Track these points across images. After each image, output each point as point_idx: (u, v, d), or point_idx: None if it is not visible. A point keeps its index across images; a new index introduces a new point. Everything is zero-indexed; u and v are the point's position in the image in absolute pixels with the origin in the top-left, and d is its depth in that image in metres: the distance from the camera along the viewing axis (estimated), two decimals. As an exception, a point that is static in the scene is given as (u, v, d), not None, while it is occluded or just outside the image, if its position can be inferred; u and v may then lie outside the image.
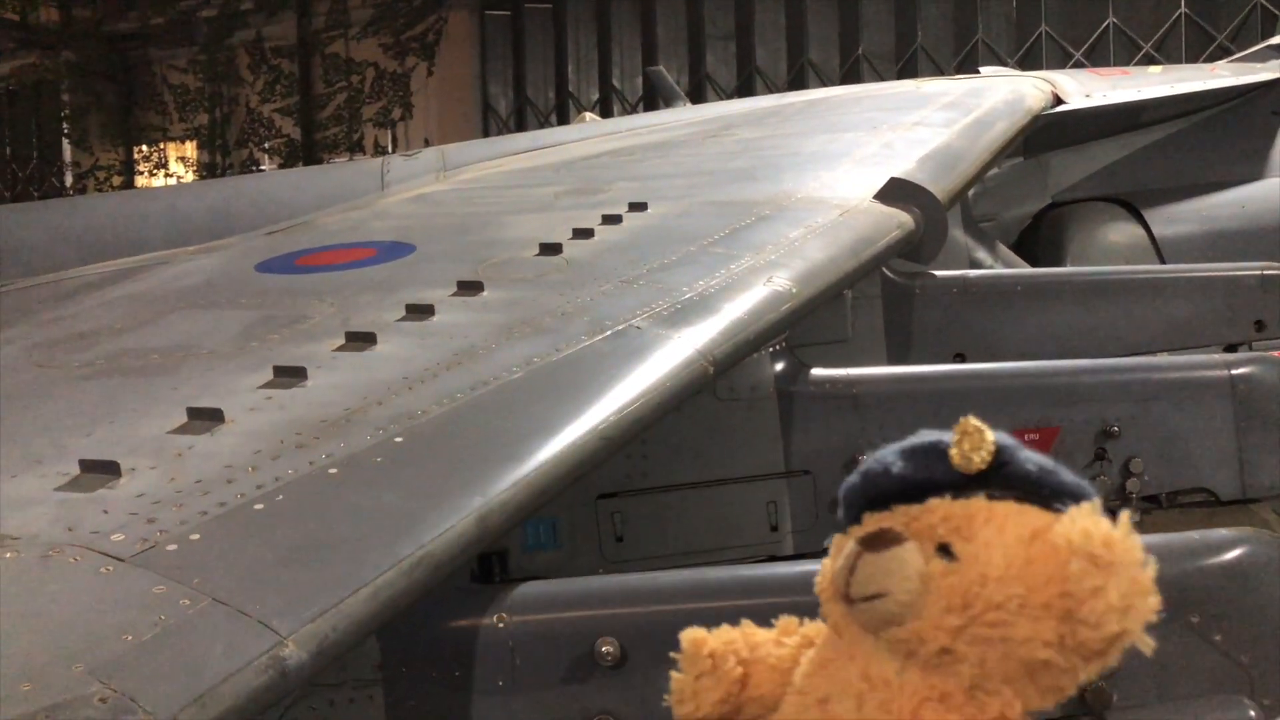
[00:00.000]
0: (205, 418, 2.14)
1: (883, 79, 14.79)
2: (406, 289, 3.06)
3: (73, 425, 2.24)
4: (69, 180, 16.32)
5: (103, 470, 1.94)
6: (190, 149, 16.14)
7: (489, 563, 2.92)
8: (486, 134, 15.73)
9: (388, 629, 1.91)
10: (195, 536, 1.74)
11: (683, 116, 7.46)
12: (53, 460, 2.02)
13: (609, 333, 2.64)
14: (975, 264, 5.65)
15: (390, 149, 15.78)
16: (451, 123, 16.17)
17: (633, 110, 16.88)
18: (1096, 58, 15.92)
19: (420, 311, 2.81)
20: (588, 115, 11.95)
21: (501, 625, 2.04)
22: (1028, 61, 15.72)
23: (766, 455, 3.50)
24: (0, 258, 6.58)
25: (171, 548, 1.71)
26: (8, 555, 1.69)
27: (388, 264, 3.51)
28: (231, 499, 1.85)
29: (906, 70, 15.97)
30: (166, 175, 16.18)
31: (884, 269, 4.33)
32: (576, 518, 3.18)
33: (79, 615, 1.56)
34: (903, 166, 4.27)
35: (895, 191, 3.91)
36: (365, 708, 2.02)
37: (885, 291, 4.48)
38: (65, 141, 16.48)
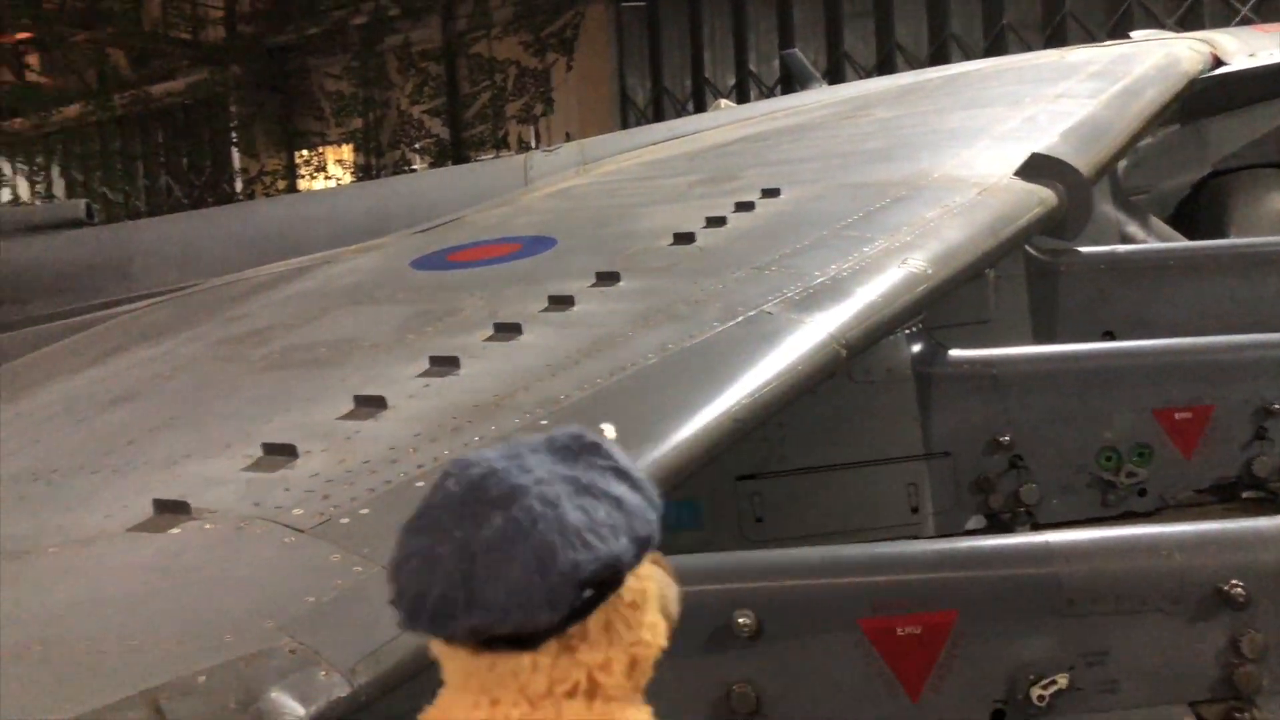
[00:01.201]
0: (370, 404, 2.34)
1: (1030, 49, 14.24)
2: (549, 281, 3.21)
3: (254, 413, 2.48)
4: (239, 186, 17.43)
5: (282, 453, 2.15)
6: (346, 152, 16.98)
7: (630, 542, 3.05)
8: (625, 125, 15.94)
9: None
10: (365, 511, 1.92)
11: (819, 98, 7.41)
12: (239, 444, 2.24)
13: (741, 318, 2.71)
14: (1126, 239, 5.44)
15: (533, 144, 16.16)
16: (591, 115, 16.47)
17: (769, 94, 16.79)
18: (1268, 12, 14.87)
19: (562, 302, 2.95)
20: (723, 102, 11.98)
21: None
22: (1190, 21, 14.84)
23: (905, 437, 3.50)
24: (184, 261, 7.16)
25: (344, 521, 1.90)
26: (206, 526, 1.91)
27: (531, 258, 3.67)
28: (395, 477, 2.03)
29: (1054, 39, 15.29)
30: (326, 178, 17.07)
31: (1027, 247, 4.24)
32: (717, 499, 3.26)
33: (268, 578, 1.76)
34: (1045, 141, 4.16)
35: (1037, 167, 3.83)
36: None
37: (1029, 270, 4.38)
38: (234, 150, 17.60)
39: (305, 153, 17.37)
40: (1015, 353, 3.69)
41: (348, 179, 16.81)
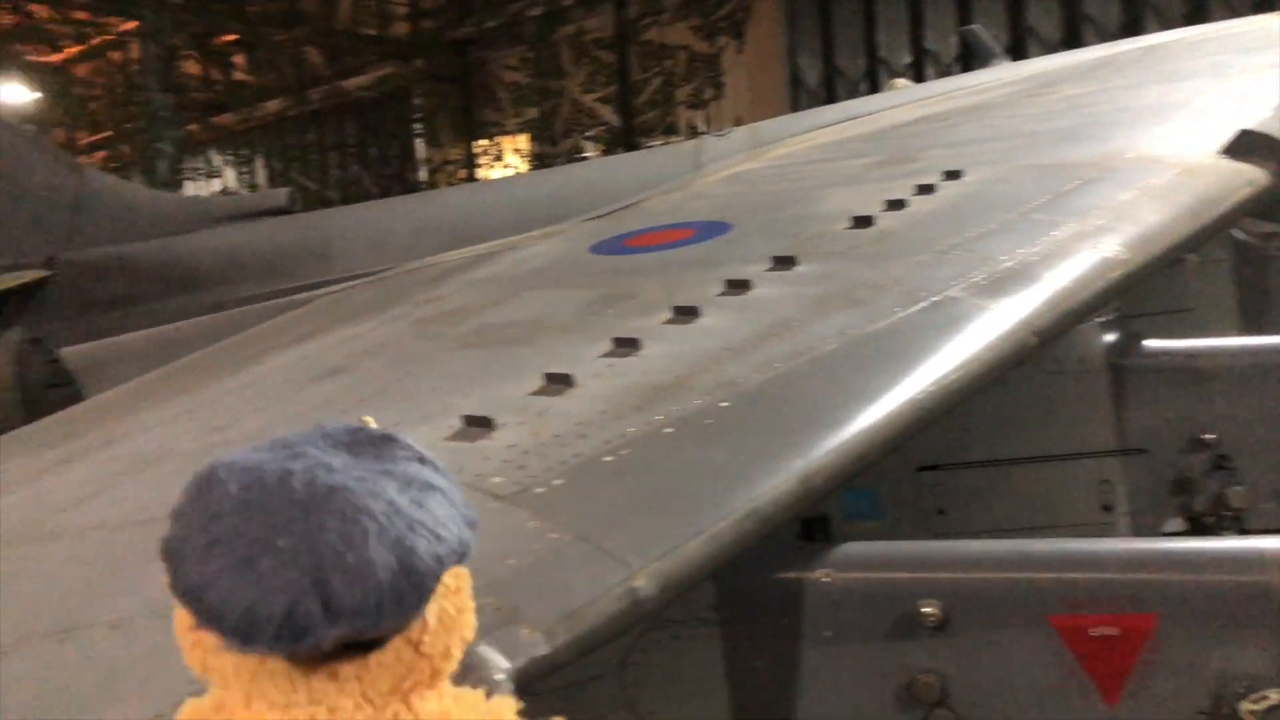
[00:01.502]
0: (559, 382, 2.45)
1: (1237, 16, 13.22)
2: (725, 265, 3.25)
3: (452, 387, 2.63)
4: (422, 175, 18.27)
5: (480, 425, 2.28)
6: (523, 141, 17.51)
7: (810, 528, 3.06)
8: (796, 107, 15.76)
9: (722, 574, 2.11)
10: (558, 482, 2.02)
11: (1001, 75, 7.14)
12: (440, 416, 2.39)
13: (924, 304, 2.68)
14: (1346, 221, 5.03)
15: (703, 130, 16.22)
16: (762, 99, 16.37)
17: (947, 73, 16.26)
18: None
19: (738, 286, 2.99)
20: (899, 81, 11.67)
21: (828, 580, 2.18)
22: None
23: (1097, 431, 3.37)
24: (377, 247, 7.58)
25: (539, 490, 2.01)
26: (413, 493, 2.05)
27: (706, 242, 3.72)
28: (585, 451, 2.13)
29: (1266, 3, 14.12)
30: (503, 166, 17.66)
31: (1234, 231, 4.00)
32: (897, 489, 3.23)
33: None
34: (1255, 117, 3.90)
35: (1245, 145, 3.59)
36: (704, 643, 2.24)
37: (1236, 255, 4.13)
38: (418, 141, 18.44)
39: (484, 142, 18.00)
40: (1221, 344, 3.49)
41: (524, 167, 17.33)
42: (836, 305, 2.76)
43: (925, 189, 3.63)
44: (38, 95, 17.03)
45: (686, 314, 2.80)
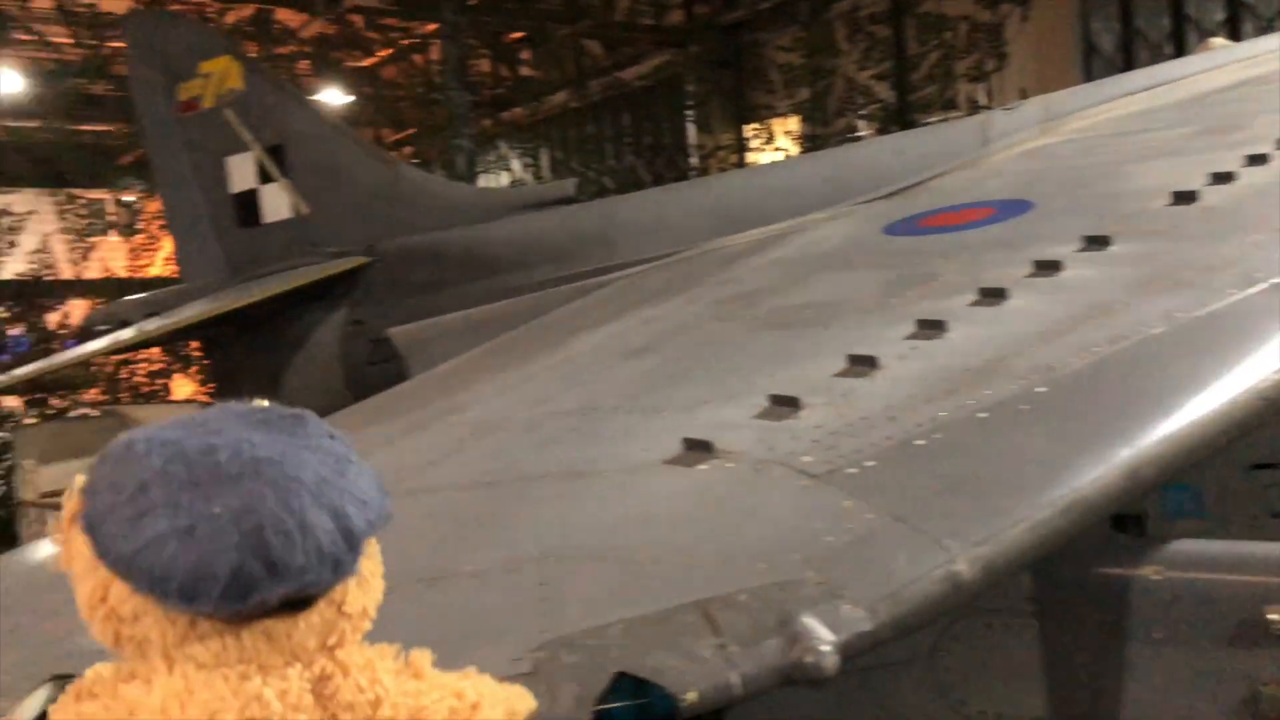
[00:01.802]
0: (862, 363, 2.47)
1: None
2: (1031, 246, 3.13)
3: (755, 366, 2.71)
4: (694, 161, 18.61)
5: (787, 404, 2.35)
6: (793, 123, 17.43)
7: (1123, 523, 2.90)
8: (1089, 77, 14.66)
9: (1039, 565, 2.06)
10: (870, 463, 2.05)
11: (1343, 30, 6.36)
12: (745, 394, 2.48)
13: (1264, 286, 2.47)
14: None
15: (983, 103, 15.46)
16: (1048, 69, 15.38)
17: (1268, 28, 14.60)
18: None
19: (1048, 267, 2.87)
20: (1214, 41, 10.63)
21: (1158, 578, 2.08)
22: None
23: None
24: (658, 233, 7.84)
25: (852, 471, 2.04)
26: (728, 465, 2.15)
27: (1008, 222, 3.59)
28: (895, 434, 2.14)
29: None
30: (774, 149, 17.65)
31: None
32: (1225, 487, 2.99)
33: (788, 517, 1.96)
34: None
35: None
36: (1019, 635, 2.20)
37: None
38: (690, 127, 18.79)
39: (754, 125, 18.08)
40: None
41: (794, 150, 17.24)
42: (1161, 287, 2.61)
43: (1257, 160, 3.33)
44: (350, 98, 18.84)
45: (994, 296, 2.74)
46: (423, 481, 2.48)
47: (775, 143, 17.56)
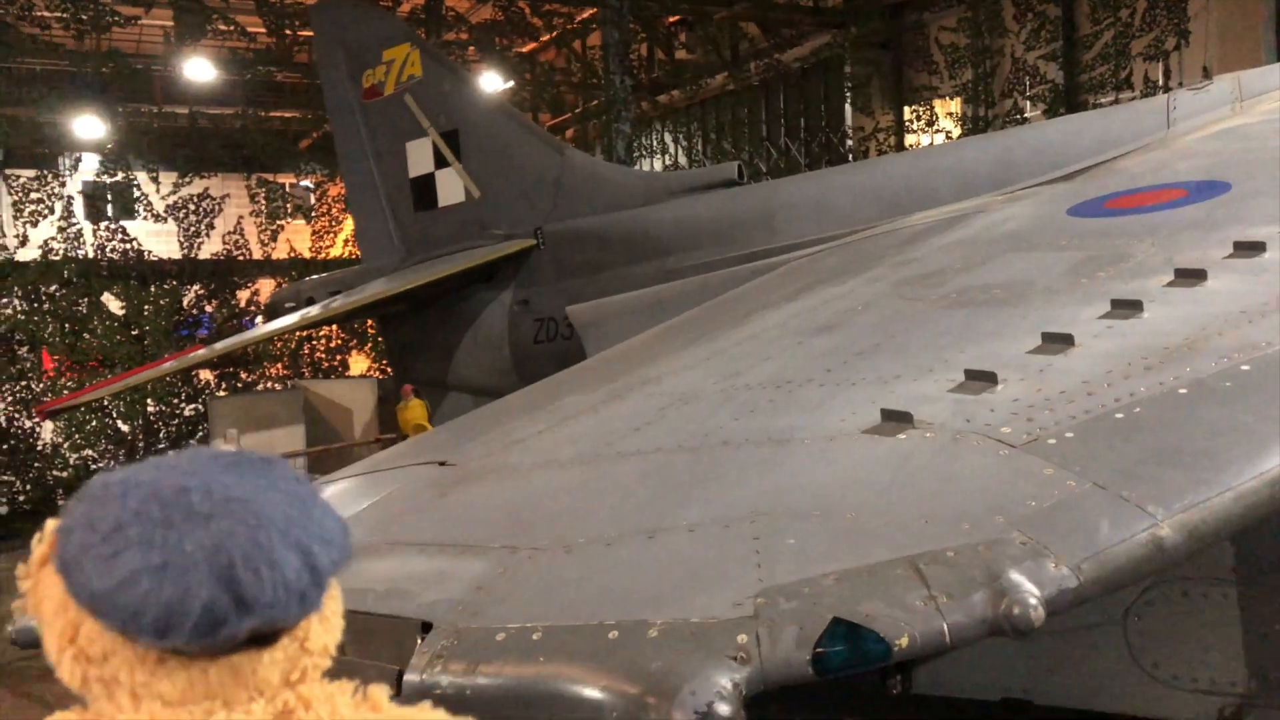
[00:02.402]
0: (1058, 341, 2.51)
1: None
2: (1229, 227, 3.08)
3: (946, 343, 2.78)
4: (851, 144, 18.39)
5: (983, 379, 2.42)
6: (956, 105, 17.01)
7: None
8: (1279, 55, 13.81)
9: (1242, 535, 2.08)
10: (1069, 435, 2.12)
11: None
12: (940, 369, 2.56)
13: None
14: None
15: (1160, 82, 14.72)
16: (1235, 45, 14.50)
17: None
18: None
19: (1250, 249, 2.83)
20: None
21: None
22: None
23: None
24: (819, 215, 7.86)
25: (1051, 442, 2.11)
26: (927, 435, 2.25)
27: (1203, 203, 3.52)
28: (1094, 408, 2.19)
29: None
30: (935, 132, 17.28)
31: None
32: None
33: (989, 482, 2.04)
34: None
35: None
36: (1217, 603, 2.23)
37: None
38: (849, 109, 18.56)
39: (915, 107, 17.72)
40: None
41: (957, 132, 16.83)
42: (1376, 269, 2.55)
43: None
44: (510, 83, 19.40)
45: (1192, 276, 2.73)
46: (630, 445, 2.66)
47: (936, 125, 17.19)
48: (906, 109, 17.86)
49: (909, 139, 17.69)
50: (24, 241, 14.80)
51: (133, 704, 1.09)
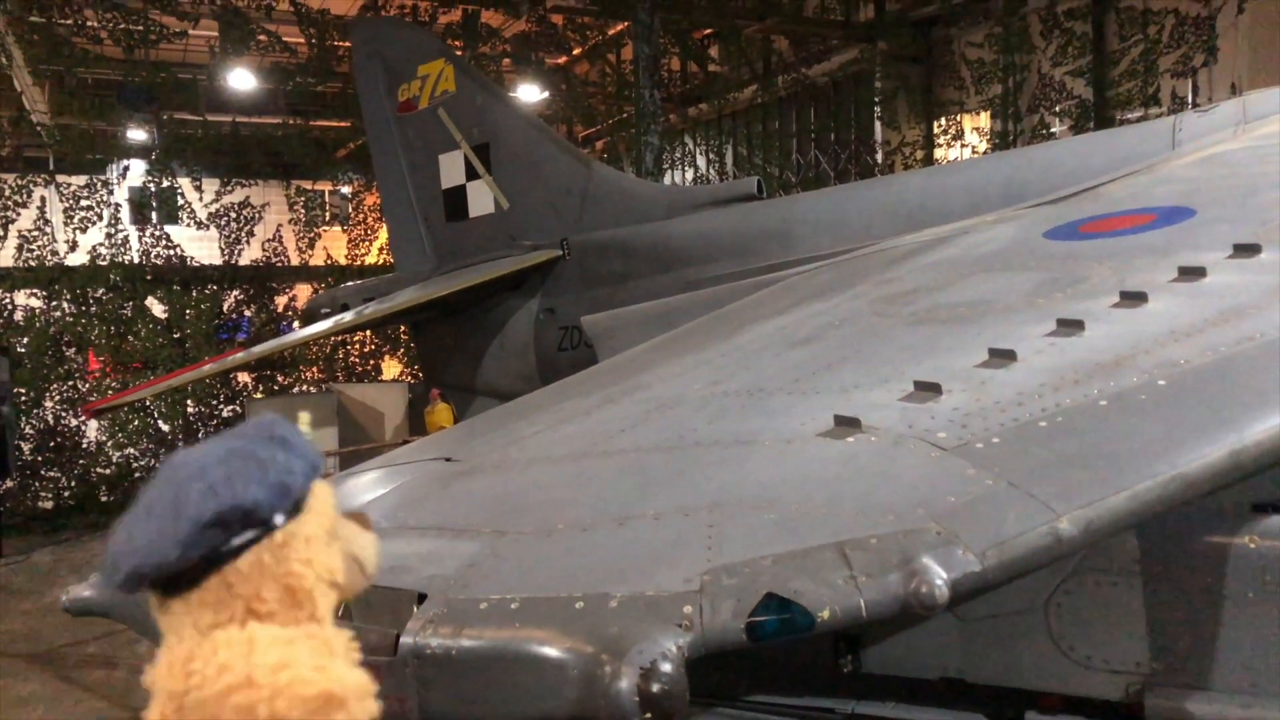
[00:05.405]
0: (1002, 356, 2.77)
1: None
2: (1181, 252, 3.30)
3: (905, 357, 3.04)
4: (879, 158, 18.59)
5: (929, 389, 2.68)
6: (984, 119, 17.15)
7: (1261, 511, 3.07)
8: (1311, 69, 13.82)
9: (1147, 532, 2.33)
10: (995, 440, 2.37)
11: None
12: (894, 380, 2.83)
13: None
14: None
15: (1190, 99, 14.78)
16: (1265, 62, 14.54)
17: None
18: None
19: (1192, 273, 3.06)
20: None
21: (1253, 546, 2.31)
22: None
23: None
24: (836, 230, 8.11)
25: (979, 446, 2.37)
26: (872, 438, 2.52)
27: (1165, 229, 3.74)
28: (1022, 416, 2.45)
29: None
30: (962, 146, 17.43)
31: None
32: None
33: (919, 480, 2.31)
34: None
35: None
36: (1125, 593, 2.47)
37: None
38: (877, 123, 18.76)
39: (943, 121, 17.89)
40: None
41: (984, 146, 16.97)
42: (1299, 294, 2.76)
43: None
44: (545, 95, 19.80)
45: (1134, 299, 2.96)
46: (614, 445, 2.95)
47: (964, 139, 17.35)
48: (935, 123, 18.01)
49: (938, 153, 17.83)
50: (74, 247, 15.38)
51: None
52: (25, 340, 14.87)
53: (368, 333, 17.01)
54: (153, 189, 15.90)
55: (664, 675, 1.88)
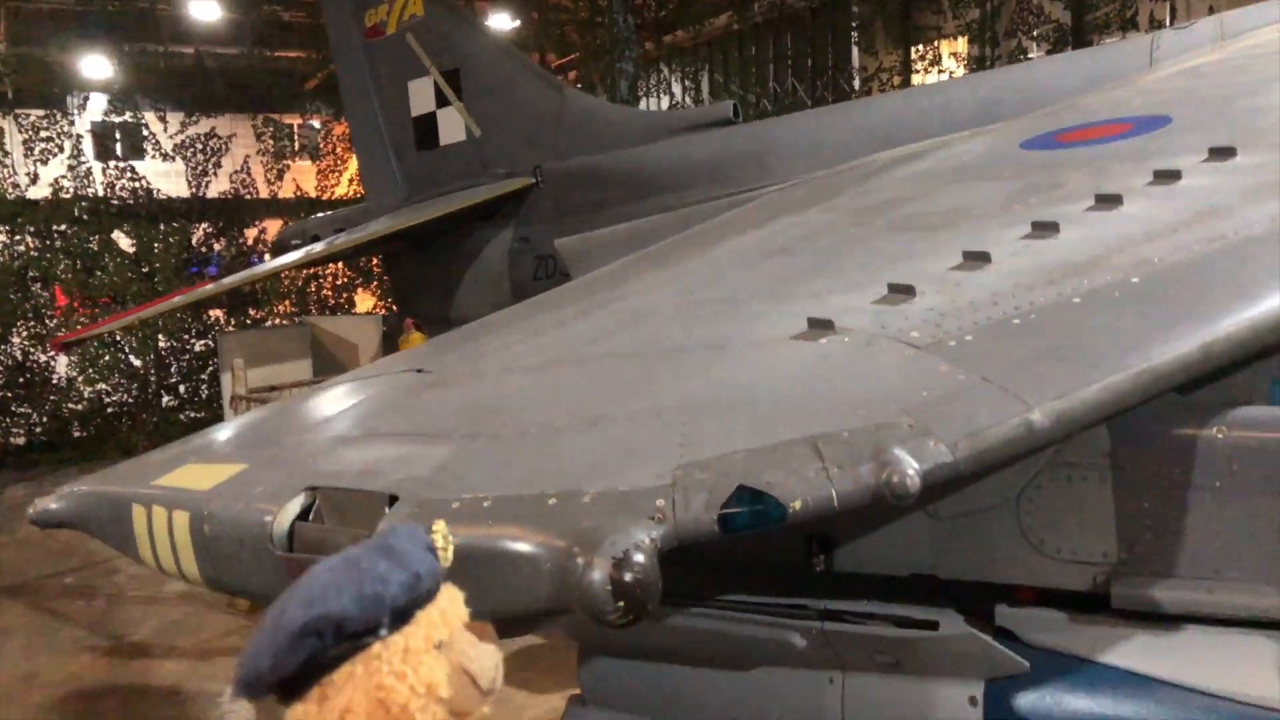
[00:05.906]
0: (977, 259, 2.75)
1: None
2: (1157, 157, 3.28)
3: (880, 263, 3.02)
4: (856, 84, 18.38)
5: (903, 291, 2.67)
6: (961, 44, 16.96)
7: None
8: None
9: (1119, 426, 2.34)
10: (969, 338, 2.37)
11: None
12: (868, 285, 2.81)
13: (1373, 192, 2.60)
14: None
15: (1168, 23, 14.67)
16: (1243, -17, 14.43)
17: None
18: None
19: (1168, 176, 3.04)
20: None
21: (1221, 437, 2.34)
22: None
23: None
24: (812, 154, 8.03)
25: (952, 344, 2.36)
26: (845, 339, 2.50)
27: (1142, 136, 3.72)
28: (996, 315, 2.44)
29: None
30: (940, 72, 17.26)
31: None
32: None
33: (893, 378, 2.30)
34: None
35: None
36: (1095, 485, 2.49)
37: None
38: (855, 49, 18.53)
39: (921, 47, 17.69)
40: None
41: (961, 71, 16.81)
42: (1271, 194, 2.76)
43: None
44: (517, 23, 19.41)
45: (1109, 201, 2.94)
46: (588, 352, 2.93)
47: (941, 65, 17.17)
48: (913, 49, 17.82)
49: (915, 79, 17.67)
50: (35, 180, 15.05)
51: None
52: (-11, 275, 14.64)
53: (340, 266, 16.83)
54: (116, 122, 15.54)
55: (637, 565, 1.88)
